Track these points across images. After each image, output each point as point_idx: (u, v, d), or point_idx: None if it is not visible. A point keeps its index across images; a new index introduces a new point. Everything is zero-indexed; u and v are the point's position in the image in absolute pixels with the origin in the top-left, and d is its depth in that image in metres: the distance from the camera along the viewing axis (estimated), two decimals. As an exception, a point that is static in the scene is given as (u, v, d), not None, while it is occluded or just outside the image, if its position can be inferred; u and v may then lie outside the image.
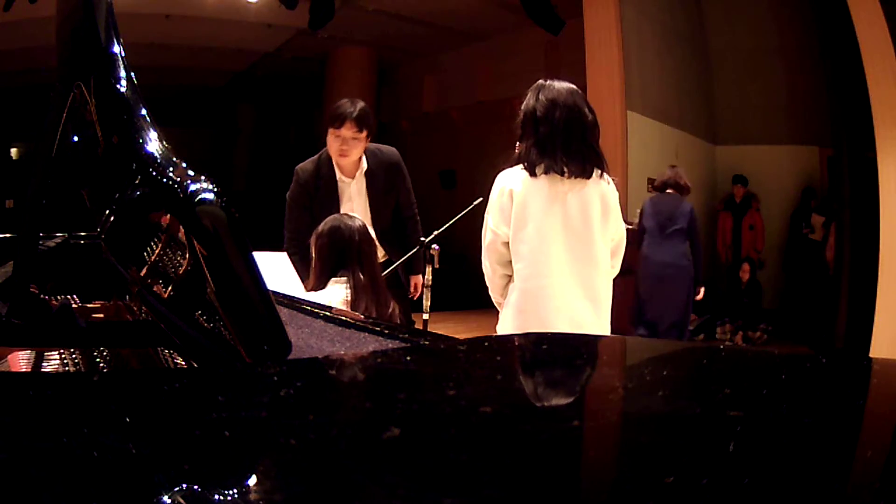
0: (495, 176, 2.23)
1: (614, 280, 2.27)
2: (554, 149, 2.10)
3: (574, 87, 2.18)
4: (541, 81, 2.20)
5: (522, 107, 2.19)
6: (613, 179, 2.22)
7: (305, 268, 2.46)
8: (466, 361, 0.79)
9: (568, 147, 2.10)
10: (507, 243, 2.17)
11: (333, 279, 2.18)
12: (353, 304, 2.11)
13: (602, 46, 6.18)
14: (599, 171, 2.15)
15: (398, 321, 2.24)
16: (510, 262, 2.19)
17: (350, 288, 2.14)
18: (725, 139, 7.29)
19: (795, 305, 6.61)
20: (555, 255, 2.12)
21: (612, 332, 2.31)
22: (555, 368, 0.81)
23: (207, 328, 0.92)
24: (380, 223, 3.03)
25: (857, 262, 5.24)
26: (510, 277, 2.21)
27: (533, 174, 2.12)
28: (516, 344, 0.96)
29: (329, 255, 2.22)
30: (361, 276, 2.17)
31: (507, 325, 2.20)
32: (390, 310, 2.24)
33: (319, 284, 2.20)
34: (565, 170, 2.10)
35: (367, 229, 2.30)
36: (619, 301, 2.34)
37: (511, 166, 2.20)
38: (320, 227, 2.27)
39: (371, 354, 0.91)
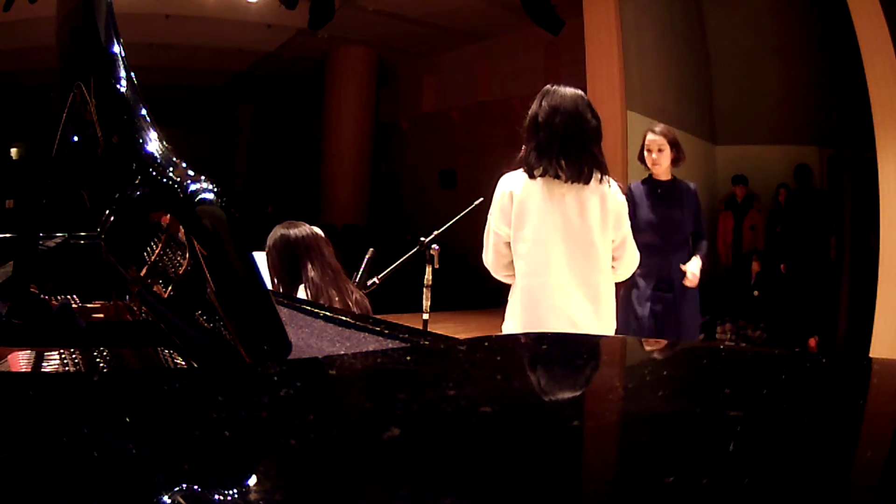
0: (495, 175, 2.26)
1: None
2: (552, 153, 2.15)
3: (581, 93, 2.22)
4: (547, 87, 2.24)
5: (529, 111, 2.24)
6: (618, 183, 2.25)
7: None
8: (466, 361, 0.78)
9: (566, 152, 2.15)
10: (509, 244, 2.22)
11: (301, 286, 2.21)
12: (314, 299, 2.14)
13: (602, 46, 6.17)
14: (599, 176, 2.18)
15: (365, 308, 2.26)
16: (511, 263, 2.24)
17: (307, 289, 2.18)
18: (725, 139, 7.27)
19: (795, 305, 6.60)
20: (553, 255, 2.16)
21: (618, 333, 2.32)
22: (555, 368, 0.81)
23: (207, 328, 0.92)
24: None
25: (857, 261, 5.23)
26: (512, 278, 2.26)
27: (532, 176, 2.17)
28: (516, 344, 0.96)
29: (283, 266, 2.25)
30: (312, 274, 2.20)
31: (511, 323, 2.24)
32: (353, 296, 2.25)
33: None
34: (561, 174, 2.14)
35: (313, 231, 2.32)
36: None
37: (513, 170, 2.24)
38: (271, 242, 2.28)
39: (371, 354, 0.91)
